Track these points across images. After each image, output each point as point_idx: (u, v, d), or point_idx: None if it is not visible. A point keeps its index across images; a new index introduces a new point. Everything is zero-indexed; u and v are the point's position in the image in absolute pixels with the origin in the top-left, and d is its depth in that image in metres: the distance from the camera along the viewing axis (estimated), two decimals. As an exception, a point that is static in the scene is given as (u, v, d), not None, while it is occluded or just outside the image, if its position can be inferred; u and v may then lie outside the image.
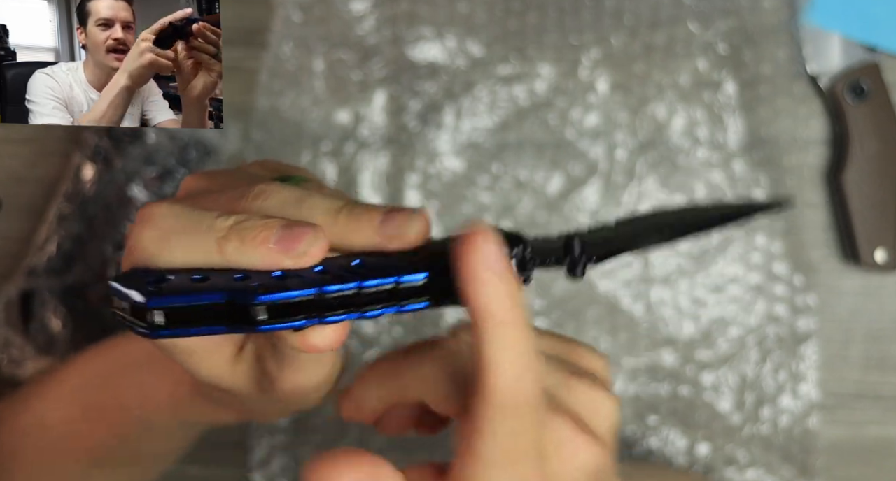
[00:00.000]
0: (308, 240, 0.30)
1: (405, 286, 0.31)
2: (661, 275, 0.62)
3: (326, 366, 0.36)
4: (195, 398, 0.41)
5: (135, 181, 0.61)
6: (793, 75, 0.63)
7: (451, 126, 0.63)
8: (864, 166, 0.61)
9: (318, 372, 0.36)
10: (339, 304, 0.30)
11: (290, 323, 0.29)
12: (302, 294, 0.29)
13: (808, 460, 0.61)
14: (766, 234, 0.62)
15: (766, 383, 0.62)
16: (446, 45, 0.64)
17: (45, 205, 0.63)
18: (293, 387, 0.35)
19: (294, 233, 0.30)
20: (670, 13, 0.63)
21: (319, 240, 0.30)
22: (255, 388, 0.36)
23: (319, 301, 0.30)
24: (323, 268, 0.31)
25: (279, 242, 0.30)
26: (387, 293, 0.31)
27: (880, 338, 0.62)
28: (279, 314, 0.29)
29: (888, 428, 0.62)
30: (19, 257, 0.63)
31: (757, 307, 0.62)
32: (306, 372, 0.35)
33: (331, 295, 0.30)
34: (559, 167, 0.63)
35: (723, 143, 0.63)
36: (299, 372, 0.35)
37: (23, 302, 0.61)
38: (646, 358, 0.62)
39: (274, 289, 0.29)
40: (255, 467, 0.63)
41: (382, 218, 0.32)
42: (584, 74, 0.63)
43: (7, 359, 0.61)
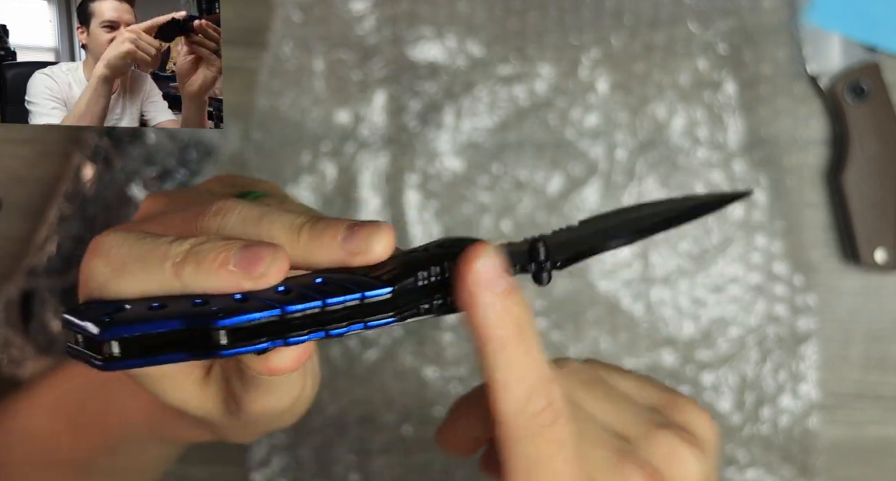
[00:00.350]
0: (268, 261, 0.29)
1: (370, 301, 0.30)
2: (661, 275, 0.62)
3: (295, 387, 0.35)
4: (171, 417, 0.40)
5: (135, 181, 0.61)
6: (793, 75, 0.63)
7: (451, 126, 0.63)
8: (864, 166, 0.61)
9: (286, 393, 0.35)
10: (302, 324, 0.29)
11: (252, 346, 0.28)
12: (263, 316, 0.28)
13: (808, 460, 0.61)
14: (766, 234, 0.62)
15: (766, 383, 0.62)
16: (446, 45, 0.64)
17: (45, 205, 0.63)
18: (262, 410, 0.35)
19: (253, 253, 0.29)
20: (670, 13, 0.63)
21: (279, 260, 0.29)
22: (224, 411, 0.35)
23: (282, 322, 0.29)
24: (285, 287, 0.30)
25: (238, 264, 0.29)
26: (351, 310, 0.30)
27: (880, 338, 0.62)
28: (241, 338, 0.28)
29: (888, 428, 0.62)
30: (19, 257, 0.63)
31: (757, 307, 0.62)
32: (274, 394, 0.34)
33: (294, 315, 0.29)
34: (559, 167, 0.63)
35: (723, 143, 0.63)
36: (267, 394, 0.34)
37: (23, 302, 0.61)
38: (646, 358, 0.62)
39: (234, 312, 0.28)
40: (255, 467, 0.63)
41: (345, 234, 0.31)
42: (584, 74, 0.63)
43: (7, 359, 0.61)
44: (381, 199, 0.63)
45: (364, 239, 0.31)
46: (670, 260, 0.62)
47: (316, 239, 0.31)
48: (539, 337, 0.31)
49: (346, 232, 0.31)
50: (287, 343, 0.29)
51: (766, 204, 0.62)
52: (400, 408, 0.62)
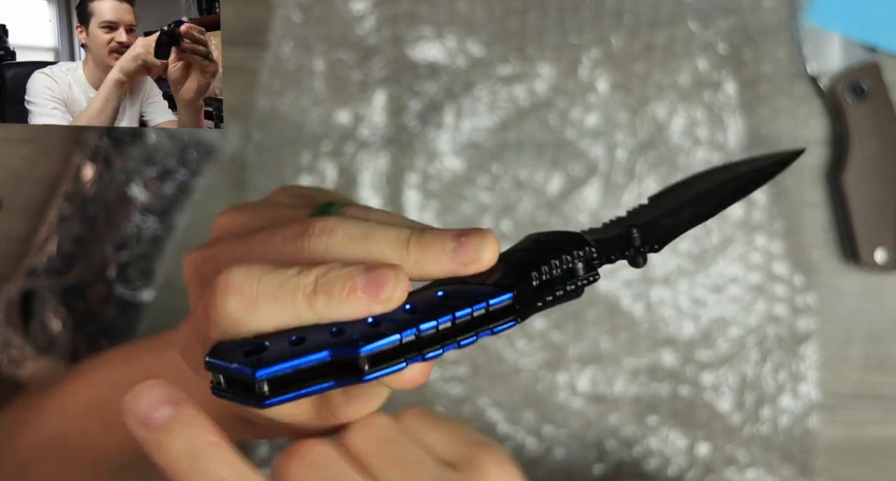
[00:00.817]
0: (392, 283, 0.30)
1: (495, 308, 0.31)
2: (661, 275, 0.62)
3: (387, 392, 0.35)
4: (223, 415, 0.41)
5: (135, 181, 0.61)
6: (793, 75, 0.63)
7: (451, 126, 0.63)
8: (864, 166, 0.61)
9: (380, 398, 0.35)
10: (434, 339, 0.30)
11: (393, 367, 0.30)
12: (401, 337, 0.30)
13: (808, 460, 0.61)
14: (766, 234, 0.62)
15: (766, 383, 0.62)
16: (446, 45, 0.64)
17: (45, 205, 0.63)
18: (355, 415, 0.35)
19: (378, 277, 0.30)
20: (670, 12, 0.63)
21: (402, 280, 0.30)
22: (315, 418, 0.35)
23: (417, 340, 0.30)
24: (411, 306, 0.31)
25: (365, 289, 0.30)
26: (478, 319, 0.31)
27: (880, 338, 0.62)
28: (381, 360, 0.30)
29: (888, 428, 0.62)
30: (19, 257, 0.63)
31: (757, 307, 0.62)
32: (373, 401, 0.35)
33: (428, 333, 0.30)
34: (559, 167, 0.63)
35: (723, 143, 0.63)
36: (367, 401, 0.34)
37: (23, 302, 0.61)
38: (646, 358, 0.62)
39: (373, 337, 0.29)
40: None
41: (454, 245, 0.32)
42: (584, 74, 0.63)
43: (7, 359, 0.61)
44: (382, 199, 0.63)
45: (475, 248, 0.32)
46: (670, 260, 0.62)
47: (425, 252, 0.32)
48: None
49: (454, 242, 0.32)
50: (424, 359, 0.30)
51: (766, 204, 0.62)
52: (400, 408, 0.62)
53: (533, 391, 0.62)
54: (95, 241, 0.61)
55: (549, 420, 0.62)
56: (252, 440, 0.45)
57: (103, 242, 0.61)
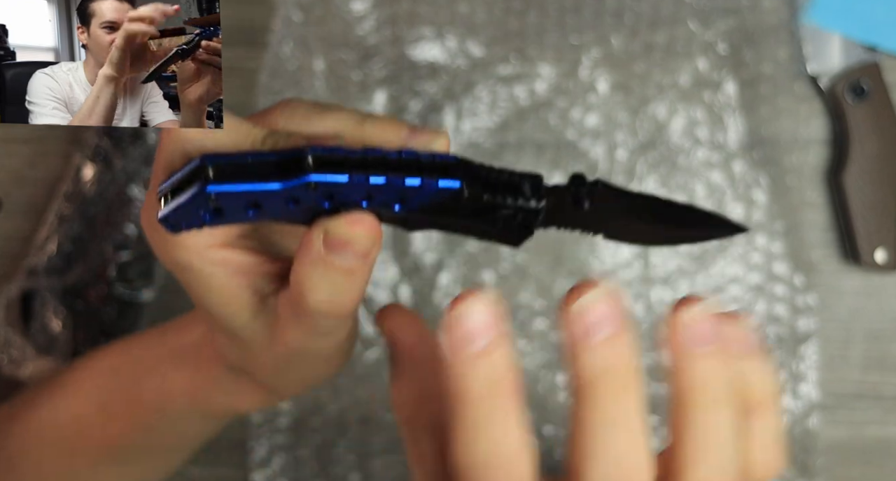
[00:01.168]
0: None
1: (440, 162, 0.32)
2: (661, 275, 0.62)
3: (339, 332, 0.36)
4: (214, 386, 0.42)
5: (135, 181, 0.61)
6: (793, 75, 0.63)
7: (452, 126, 0.63)
8: (864, 166, 0.61)
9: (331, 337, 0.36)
10: (381, 166, 0.31)
11: (336, 173, 0.31)
12: (347, 153, 0.31)
13: (808, 460, 0.61)
14: (766, 234, 0.62)
15: (766, 383, 0.62)
16: (446, 45, 0.64)
17: (45, 205, 0.63)
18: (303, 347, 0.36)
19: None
20: (670, 12, 0.63)
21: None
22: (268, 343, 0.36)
23: (363, 161, 0.31)
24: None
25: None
26: (425, 164, 0.32)
27: (880, 338, 0.62)
28: (327, 165, 0.31)
29: (888, 428, 0.62)
30: (19, 257, 0.63)
31: (757, 307, 0.62)
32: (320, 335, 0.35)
33: (374, 157, 0.31)
34: (559, 167, 0.63)
35: (723, 143, 0.63)
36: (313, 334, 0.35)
37: (23, 302, 0.61)
38: (646, 358, 0.62)
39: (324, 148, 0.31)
40: (255, 467, 0.63)
41: (408, 132, 0.34)
42: (584, 74, 0.63)
43: (7, 359, 0.61)
44: (381, 199, 0.63)
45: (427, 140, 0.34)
46: (670, 260, 0.62)
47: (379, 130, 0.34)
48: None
49: (409, 130, 0.34)
50: (366, 183, 0.31)
51: (766, 204, 0.62)
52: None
53: (533, 391, 0.62)
54: (95, 241, 0.61)
55: (549, 420, 0.62)
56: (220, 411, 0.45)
57: (103, 242, 0.61)
